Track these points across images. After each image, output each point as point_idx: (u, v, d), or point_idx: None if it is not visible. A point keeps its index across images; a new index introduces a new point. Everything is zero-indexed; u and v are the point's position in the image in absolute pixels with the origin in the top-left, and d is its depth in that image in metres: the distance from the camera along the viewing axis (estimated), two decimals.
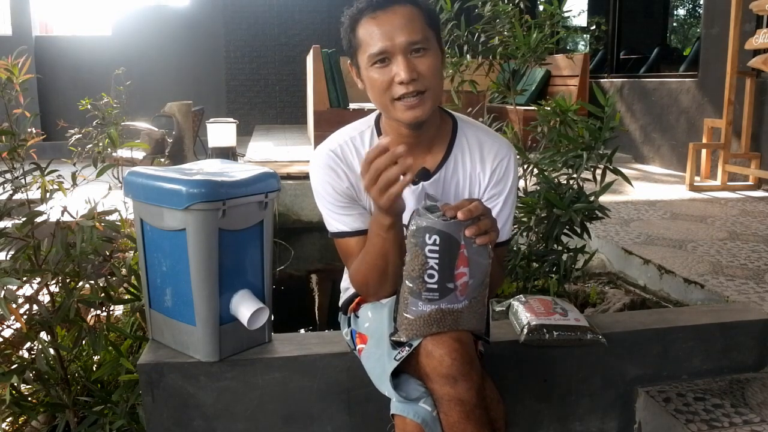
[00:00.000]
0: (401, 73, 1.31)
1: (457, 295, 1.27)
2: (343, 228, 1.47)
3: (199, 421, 1.64)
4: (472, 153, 1.48)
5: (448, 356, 1.26)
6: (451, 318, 1.28)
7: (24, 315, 1.75)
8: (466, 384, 1.26)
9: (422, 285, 1.26)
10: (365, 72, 1.37)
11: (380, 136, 1.48)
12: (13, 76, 1.95)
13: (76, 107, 4.77)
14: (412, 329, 1.29)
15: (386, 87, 1.34)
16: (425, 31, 1.34)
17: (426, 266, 1.25)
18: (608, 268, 3.04)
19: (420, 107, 1.34)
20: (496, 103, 5.50)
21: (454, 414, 1.26)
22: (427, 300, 1.27)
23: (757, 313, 2.11)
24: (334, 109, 6.38)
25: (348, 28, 1.38)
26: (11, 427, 1.91)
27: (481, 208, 1.24)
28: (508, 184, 1.50)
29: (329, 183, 1.45)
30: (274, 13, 9.77)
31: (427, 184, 1.46)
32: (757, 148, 4.65)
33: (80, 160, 4.30)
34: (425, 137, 1.45)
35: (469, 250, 1.25)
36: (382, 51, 1.32)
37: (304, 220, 5.05)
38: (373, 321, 1.47)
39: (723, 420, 1.74)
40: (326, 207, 1.48)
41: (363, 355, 1.49)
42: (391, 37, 1.31)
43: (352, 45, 1.39)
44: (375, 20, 1.32)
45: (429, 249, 1.24)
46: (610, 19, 6.55)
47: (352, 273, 1.48)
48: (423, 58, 1.33)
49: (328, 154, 1.47)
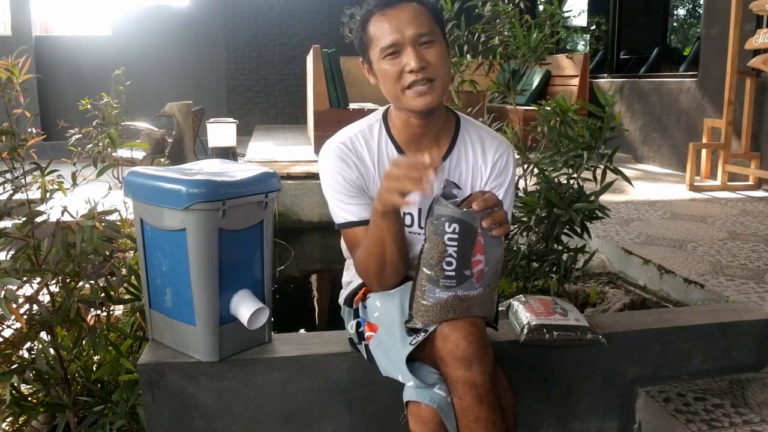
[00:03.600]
0: (411, 62, 1.39)
1: (473, 282, 1.32)
2: (351, 218, 1.51)
3: (199, 421, 1.64)
4: (474, 147, 1.56)
5: (464, 339, 1.30)
6: (464, 305, 1.32)
7: (24, 315, 1.75)
8: (481, 368, 1.29)
9: (440, 272, 1.30)
10: (377, 65, 1.45)
11: (388, 130, 1.55)
12: (13, 76, 1.95)
13: (76, 107, 4.77)
14: (428, 315, 1.33)
15: (397, 77, 1.42)
16: (431, 24, 1.43)
17: (445, 254, 1.29)
18: (608, 268, 3.04)
19: (429, 94, 1.42)
20: (496, 103, 5.49)
21: (468, 398, 1.29)
22: (444, 287, 1.31)
23: (757, 313, 2.11)
24: (334, 109, 6.38)
25: (359, 27, 1.47)
26: (11, 427, 1.91)
27: (495, 199, 1.31)
28: (508, 177, 1.57)
29: (339, 173, 1.51)
30: (274, 13, 9.77)
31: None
32: (757, 148, 4.65)
33: (80, 160, 4.31)
34: (433, 129, 1.52)
35: (485, 238, 1.31)
36: (392, 43, 1.40)
37: (304, 220, 5.05)
38: (383, 310, 1.49)
39: (723, 420, 1.74)
40: (334, 197, 1.53)
41: (372, 344, 1.50)
42: (401, 30, 1.40)
43: (363, 42, 1.48)
44: (384, 16, 1.42)
45: (448, 237, 1.28)
46: (610, 19, 6.55)
47: (356, 260, 1.52)
48: (431, 48, 1.42)
49: (339, 146, 1.53)
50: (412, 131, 1.52)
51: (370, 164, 1.53)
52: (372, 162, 1.53)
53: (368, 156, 1.53)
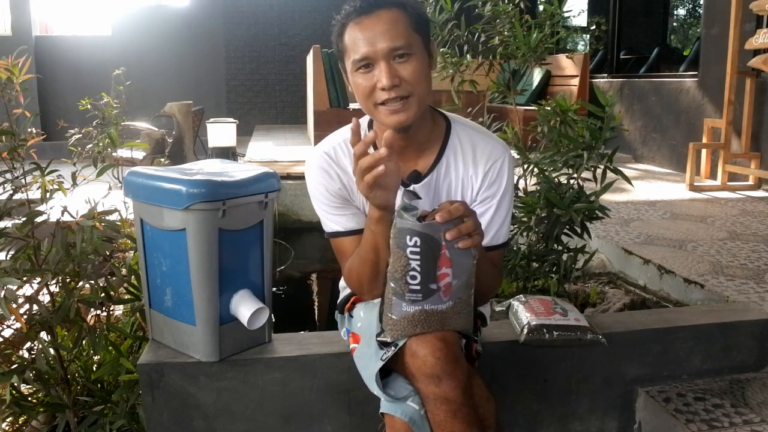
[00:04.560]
0: (383, 79, 1.32)
1: (441, 296, 1.27)
2: (338, 228, 1.50)
3: (199, 421, 1.64)
4: (465, 155, 1.48)
5: (432, 356, 1.26)
6: (436, 318, 1.28)
7: (24, 315, 1.75)
8: (451, 383, 1.26)
9: (405, 286, 1.26)
10: (351, 77, 1.39)
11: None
12: (13, 76, 1.95)
13: (76, 107, 4.77)
14: (397, 329, 1.30)
15: (369, 92, 1.35)
16: (409, 36, 1.34)
17: (408, 267, 1.24)
18: (608, 268, 3.04)
19: (403, 112, 1.34)
20: (496, 103, 5.50)
21: (441, 413, 1.27)
22: (410, 301, 1.27)
23: (757, 313, 2.11)
24: (334, 109, 6.39)
25: (336, 33, 1.40)
26: (11, 427, 1.91)
27: (462, 210, 1.24)
28: (502, 186, 1.48)
29: (322, 184, 1.49)
30: (274, 13, 9.77)
31: (418, 187, 1.46)
32: (757, 148, 4.65)
33: (80, 160, 4.31)
34: (415, 140, 1.46)
35: (451, 251, 1.24)
36: (364, 57, 1.33)
37: (304, 220, 5.05)
38: (365, 321, 1.48)
39: (723, 420, 1.74)
40: (321, 208, 1.52)
41: (355, 355, 1.49)
42: (374, 43, 1.32)
43: (339, 50, 1.41)
44: (359, 26, 1.34)
45: (410, 251, 1.23)
46: (610, 19, 6.55)
47: (346, 270, 1.50)
48: (406, 63, 1.34)
49: (322, 156, 1.50)
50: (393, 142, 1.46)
51: (352, 174, 1.46)
52: None
53: (351, 166, 1.44)
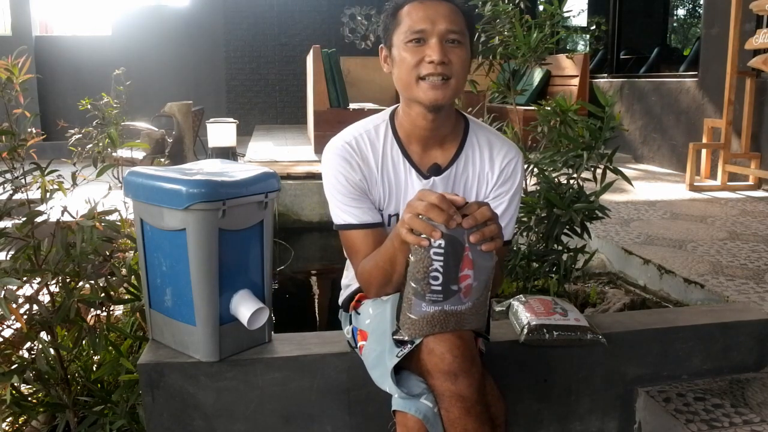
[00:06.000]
0: (434, 54, 1.37)
1: (461, 297, 1.28)
2: (351, 220, 1.49)
3: (199, 421, 1.64)
4: (482, 152, 1.53)
5: (450, 353, 1.27)
6: (454, 319, 1.29)
7: (24, 315, 1.75)
8: (467, 380, 1.27)
9: (426, 287, 1.26)
10: (397, 50, 1.42)
11: (395, 131, 1.52)
12: (13, 76, 1.95)
13: (76, 107, 4.77)
14: (415, 329, 1.30)
15: (415, 65, 1.39)
16: (463, 28, 1.42)
17: (430, 268, 1.25)
18: (608, 268, 3.04)
19: (442, 90, 1.39)
20: (496, 103, 5.50)
21: (455, 410, 1.27)
22: (431, 301, 1.27)
23: (757, 313, 2.11)
24: (334, 109, 6.38)
25: (391, 10, 1.45)
26: (11, 427, 1.91)
27: (488, 214, 1.24)
28: (515, 184, 1.54)
29: (342, 174, 1.48)
30: (274, 13, 9.77)
31: (438, 179, 1.50)
32: (757, 148, 4.65)
33: (80, 160, 4.31)
34: (439, 132, 1.49)
35: (474, 252, 1.25)
36: (421, 30, 1.38)
37: (304, 220, 5.05)
38: (374, 318, 1.47)
39: (723, 420, 1.74)
40: (335, 198, 1.50)
41: (363, 352, 1.49)
42: (433, 21, 1.38)
43: (388, 27, 1.45)
44: (422, 5, 1.41)
45: (434, 252, 1.24)
46: (610, 19, 6.55)
47: (360, 268, 1.49)
48: (456, 48, 1.40)
49: (343, 146, 1.50)
50: (419, 133, 1.48)
51: (374, 166, 1.49)
52: (376, 164, 1.50)
53: (372, 158, 1.49)
